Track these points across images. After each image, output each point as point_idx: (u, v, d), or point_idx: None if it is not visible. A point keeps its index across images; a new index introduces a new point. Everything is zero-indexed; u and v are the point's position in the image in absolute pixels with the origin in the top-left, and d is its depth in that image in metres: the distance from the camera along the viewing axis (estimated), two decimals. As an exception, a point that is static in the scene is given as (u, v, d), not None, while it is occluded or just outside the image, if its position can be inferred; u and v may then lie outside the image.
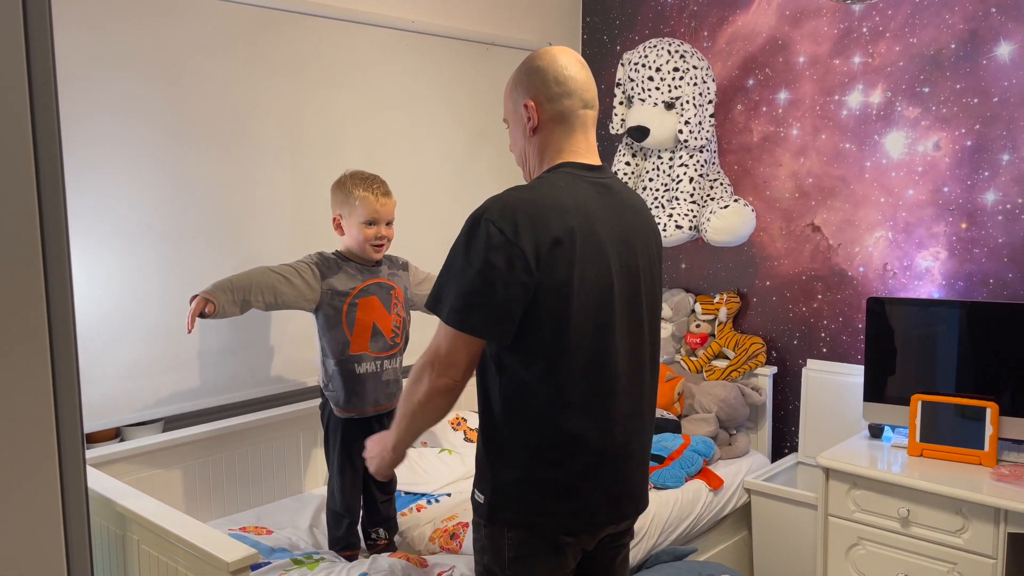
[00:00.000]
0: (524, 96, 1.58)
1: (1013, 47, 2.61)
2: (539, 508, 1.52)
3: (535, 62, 1.58)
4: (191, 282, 2.48)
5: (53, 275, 0.84)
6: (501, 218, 1.43)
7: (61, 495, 0.82)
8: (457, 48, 3.19)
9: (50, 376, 0.82)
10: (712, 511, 2.78)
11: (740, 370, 3.17)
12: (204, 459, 2.48)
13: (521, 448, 1.51)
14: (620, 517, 1.61)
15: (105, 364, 2.32)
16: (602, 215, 1.53)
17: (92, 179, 2.26)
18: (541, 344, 1.47)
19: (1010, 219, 2.66)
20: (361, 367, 2.19)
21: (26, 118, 0.80)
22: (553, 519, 1.52)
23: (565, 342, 1.47)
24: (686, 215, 3.03)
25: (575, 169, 1.56)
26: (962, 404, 2.49)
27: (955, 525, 2.30)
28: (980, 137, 2.70)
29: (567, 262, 1.45)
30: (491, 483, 1.53)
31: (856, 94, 2.95)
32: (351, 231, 2.21)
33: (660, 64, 3.00)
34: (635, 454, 1.60)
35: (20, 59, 0.81)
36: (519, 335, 1.46)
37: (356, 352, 2.19)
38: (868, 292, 2.96)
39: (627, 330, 1.55)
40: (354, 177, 2.22)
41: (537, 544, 1.52)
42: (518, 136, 1.63)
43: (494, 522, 1.53)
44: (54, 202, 0.84)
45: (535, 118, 1.57)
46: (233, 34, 2.52)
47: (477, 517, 1.58)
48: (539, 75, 1.57)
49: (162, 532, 1.70)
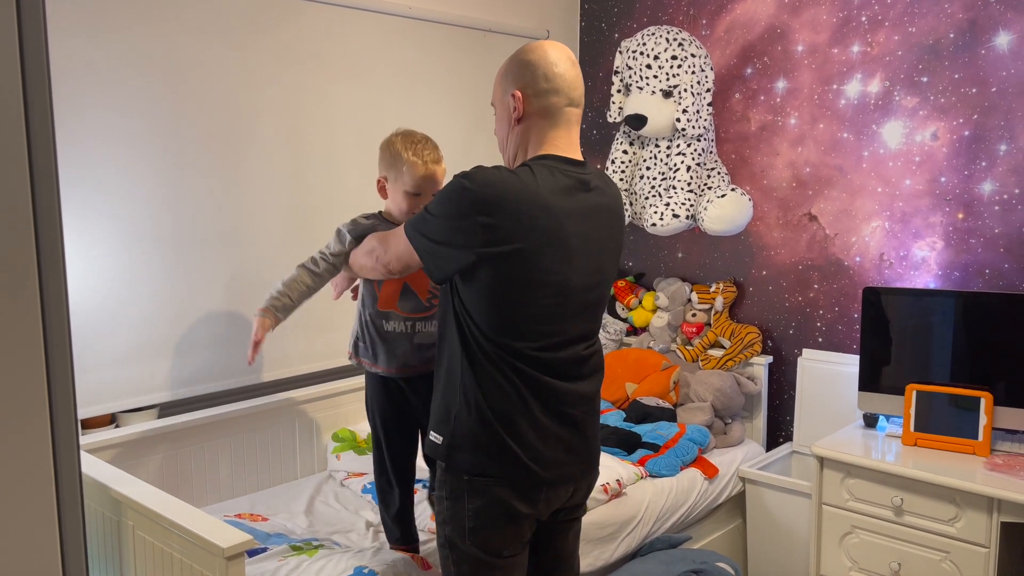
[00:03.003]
0: (512, 86, 1.64)
1: (1012, 37, 2.60)
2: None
3: (527, 55, 1.63)
4: (186, 268, 2.48)
5: (46, 262, 0.84)
6: (480, 189, 1.53)
7: (55, 481, 0.82)
8: (454, 35, 3.17)
9: (43, 363, 0.81)
10: (707, 500, 2.79)
11: (736, 359, 3.17)
12: (199, 445, 2.47)
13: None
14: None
15: (100, 350, 2.32)
16: (575, 214, 1.61)
17: (86, 167, 2.25)
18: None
19: (1007, 209, 2.66)
20: (389, 325, 2.03)
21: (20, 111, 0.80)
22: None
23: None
24: (683, 204, 3.03)
25: (556, 163, 1.61)
26: (956, 394, 2.50)
27: (948, 514, 2.31)
28: (978, 127, 2.69)
29: (527, 255, 1.55)
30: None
31: (854, 83, 2.94)
32: (395, 197, 2.00)
33: (658, 52, 2.99)
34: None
35: (14, 53, 0.80)
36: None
37: (384, 309, 2.03)
38: (864, 282, 2.96)
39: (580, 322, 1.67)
40: (405, 139, 1.99)
41: (495, 513, 1.61)
42: (503, 123, 1.70)
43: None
44: (48, 189, 0.83)
45: (520, 109, 1.63)
46: (228, 21, 2.50)
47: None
48: (529, 69, 1.62)
49: (157, 518, 1.71)
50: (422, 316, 2.03)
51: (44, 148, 0.83)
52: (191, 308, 2.50)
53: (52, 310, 0.84)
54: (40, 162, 0.83)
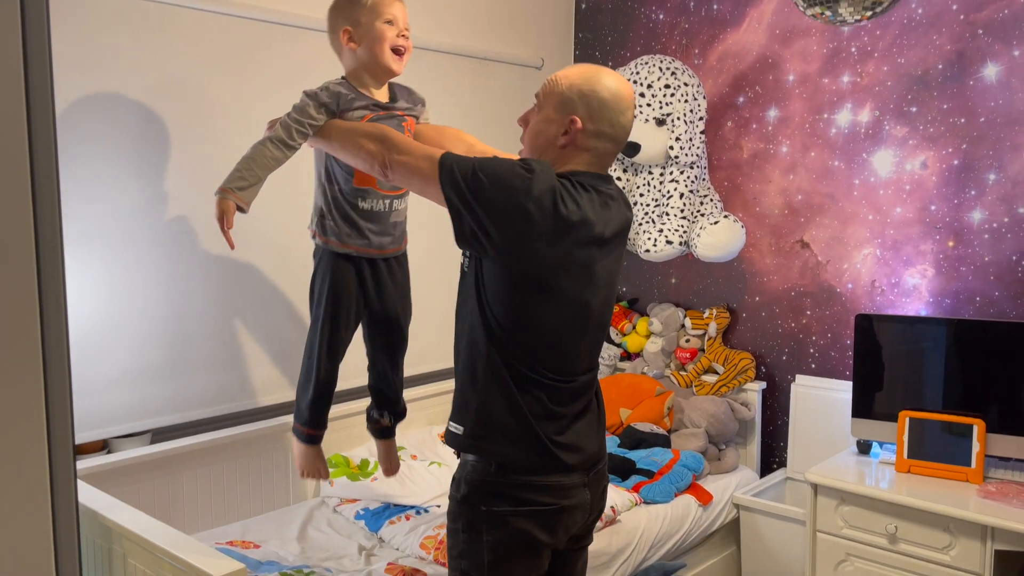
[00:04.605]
0: (577, 112, 1.58)
1: (1000, 68, 2.65)
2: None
3: (604, 90, 1.58)
4: (179, 293, 2.47)
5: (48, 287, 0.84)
6: (539, 185, 1.49)
7: (51, 510, 0.82)
8: (451, 63, 3.21)
9: (43, 391, 0.81)
10: (701, 526, 2.78)
11: (729, 385, 3.18)
12: (192, 471, 2.46)
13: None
14: None
15: (92, 375, 2.31)
16: (604, 235, 1.61)
17: (80, 192, 2.26)
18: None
19: (996, 238, 2.69)
20: (366, 203, 1.92)
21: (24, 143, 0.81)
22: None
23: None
24: (676, 230, 3.05)
25: (594, 181, 1.61)
26: (949, 421, 2.51)
27: (942, 542, 2.31)
28: (967, 156, 2.73)
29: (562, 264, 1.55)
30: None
31: (845, 112, 2.98)
32: (367, 37, 1.86)
33: (651, 81, 3.03)
34: None
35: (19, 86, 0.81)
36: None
37: (361, 186, 1.89)
38: (856, 308, 2.98)
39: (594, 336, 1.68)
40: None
41: (515, 545, 1.58)
42: (549, 128, 1.62)
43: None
44: (50, 220, 0.84)
45: (572, 137, 1.59)
46: (227, 47, 2.52)
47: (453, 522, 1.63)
48: (602, 106, 1.58)
49: (149, 546, 1.69)
50: (399, 193, 1.96)
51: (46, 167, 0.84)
52: (184, 334, 2.50)
53: (51, 337, 0.85)
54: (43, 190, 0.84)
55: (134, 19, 2.31)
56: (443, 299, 2.96)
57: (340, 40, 1.90)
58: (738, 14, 3.23)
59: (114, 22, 2.28)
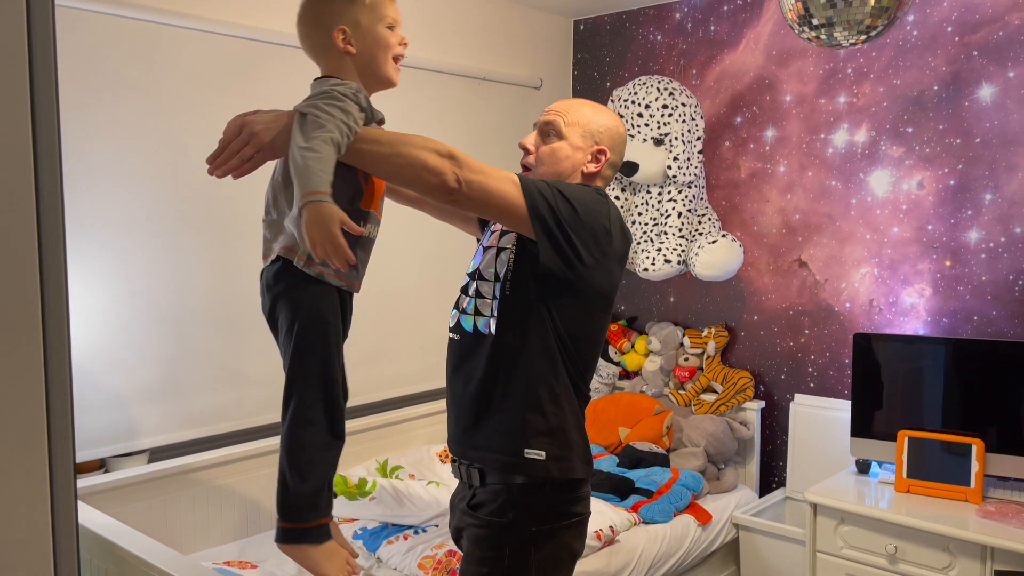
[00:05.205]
0: (603, 143, 1.69)
1: (994, 89, 2.67)
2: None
3: (620, 128, 1.73)
4: (177, 313, 2.48)
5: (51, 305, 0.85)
6: (613, 209, 1.63)
7: (52, 530, 0.82)
8: (449, 83, 3.23)
9: (44, 409, 0.81)
10: (700, 546, 2.77)
11: (728, 404, 3.18)
12: (189, 490, 2.45)
13: None
14: None
15: (90, 394, 2.30)
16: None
17: (82, 210, 2.27)
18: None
19: (993, 257, 2.70)
20: (367, 226, 1.55)
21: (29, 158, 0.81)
22: None
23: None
24: (675, 249, 3.06)
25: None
26: (948, 440, 2.51)
27: (942, 562, 2.30)
28: (963, 177, 2.75)
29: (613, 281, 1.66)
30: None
31: (841, 133, 3.00)
32: (368, 42, 1.55)
33: (649, 101, 3.05)
34: None
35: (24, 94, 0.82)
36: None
37: (367, 208, 1.57)
38: (854, 328, 2.98)
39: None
40: None
41: (560, 560, 1.61)
42: (575, 154, 1.68)
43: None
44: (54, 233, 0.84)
45: (602, 164, 1.70)
46: (222, 66, 2.54)
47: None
48: (619, 141, 1.73)
49: (146, 566, 1.68)
50: (379, 220, 1.64)
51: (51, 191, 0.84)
52: (182, 353, 2.50)
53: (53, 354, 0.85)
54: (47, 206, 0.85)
55: (134, 38, 2.33)
56: (435, 321, 2.96)
57: (332, 39, 1.56)
58: (735, 35, 3.26)
59: (119, 40, 2.29)
